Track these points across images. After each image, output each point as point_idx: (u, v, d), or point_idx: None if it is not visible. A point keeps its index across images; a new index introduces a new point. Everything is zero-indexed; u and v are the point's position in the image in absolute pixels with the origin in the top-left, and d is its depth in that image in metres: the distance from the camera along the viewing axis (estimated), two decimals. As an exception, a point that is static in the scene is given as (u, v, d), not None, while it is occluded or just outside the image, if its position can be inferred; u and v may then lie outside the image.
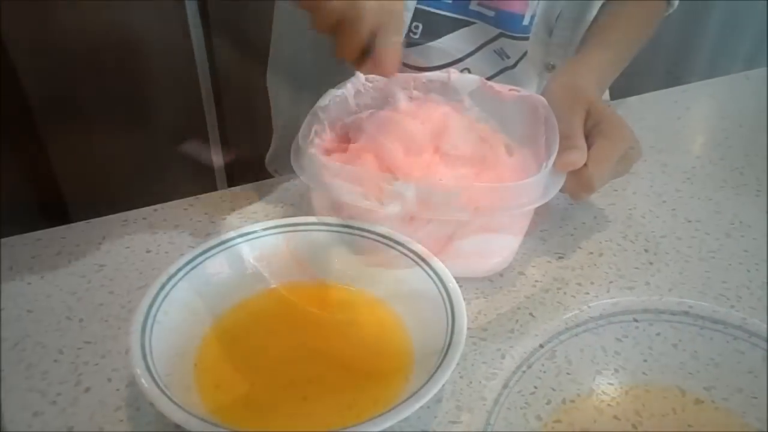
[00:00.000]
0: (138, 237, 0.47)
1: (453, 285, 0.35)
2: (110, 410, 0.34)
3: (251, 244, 0.39)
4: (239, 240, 0.38)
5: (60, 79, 1.18)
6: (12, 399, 0.34)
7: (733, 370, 0.38)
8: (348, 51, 0.39)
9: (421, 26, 0.61)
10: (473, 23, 0.61)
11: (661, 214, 0.52)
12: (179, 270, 0.35)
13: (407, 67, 0.63)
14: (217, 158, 1.43)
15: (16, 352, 0.37)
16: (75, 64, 1.18)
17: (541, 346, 0.39)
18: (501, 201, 0.39)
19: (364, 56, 0.39)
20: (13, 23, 1.09)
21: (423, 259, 0.37)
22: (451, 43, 0.62)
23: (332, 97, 0.47)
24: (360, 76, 0.49)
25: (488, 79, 0.50)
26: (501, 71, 0.65)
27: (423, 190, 0.38)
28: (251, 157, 1.44)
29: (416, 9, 0.60)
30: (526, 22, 0.60)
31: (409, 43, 0.62)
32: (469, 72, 0.51)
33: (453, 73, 0.50)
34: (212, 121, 1.36)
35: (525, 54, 0.63)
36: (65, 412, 0.34)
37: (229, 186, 0.53)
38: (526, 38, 0.61)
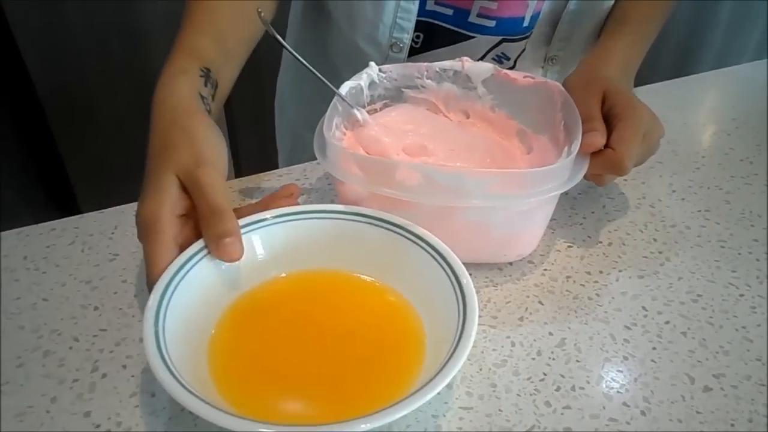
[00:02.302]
0: (150, 227, 0.47)
1: (463, 273, 0.35)
2: (125, 396, 0.35)
3: (262, 232, 0.39)
4: (250, 228, 0.39)
5: (70, 73, 1.19)
6: (30, 385, 0.35)
7: (741, 358, 0.38)
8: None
9: (422, 36, 0.61)
10: (473, 37, 0.60)
11: (670, 204, 0.52)
12: (191, 258, 0.36)
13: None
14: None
15: (33, 340, 0.38)
16: (84, 58, 1.19)
17: (551, 333, 0.39)
18: (530, 187, 0.39)
19: None
20: (23, 19, 1.09)
21: (434, 248, 0.37)
22: (453, 55, 0.62)
23: (348, 89, 0.47)
24: (374, 67, 0.49)
25: None
26: None
27: (455, 177, 0.38)
28: (259, 147, 1.45)
29: (418, 21, 0.59)
30: (526, 23, 0.59)
31: (411, 52, 0.62)
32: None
33: (467, 61, 0.50)
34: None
35: (523, 51, 0.63)
36: (82, 398, 0.34)
37: (237, 176, 0.53)
38: (527, 37, 0.61)
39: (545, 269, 0.45)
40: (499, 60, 0.63)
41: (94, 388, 0.35)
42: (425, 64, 0.50)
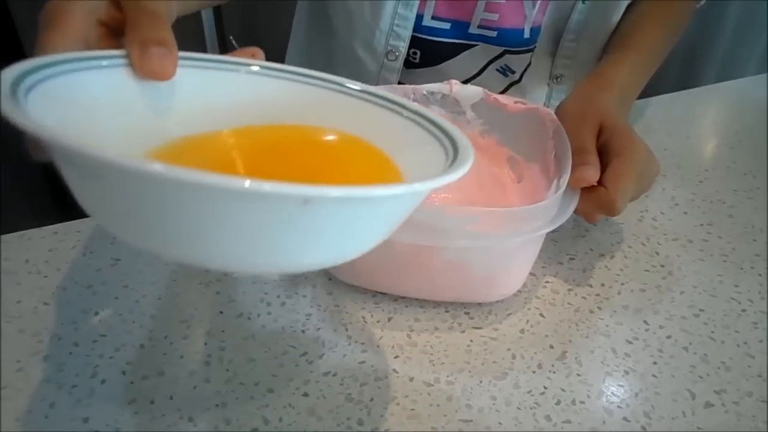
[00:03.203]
0: (152, 232, 0.47)
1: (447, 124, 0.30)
2: (124, 402, 0.34)
3: (211, 73, 0.31)
4: (197, 63, 0.30)
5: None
6: (29, 390, 0.35)
7: (743, 374, 0.38)
8: None
9: (419, 53, 0.61)
10: (475, 45, 0.60)
11: (673, 217, 0.52)
12: (102, 58, 0.26)
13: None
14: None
15: (33, 344, 0.38)
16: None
17: (552, 346, 0.39)
18: (513, 226, 0.37)
19: None
20: (28, 20, 1.10)
21: (409, 109, 0.32)
22: (453, 67, 0.62)
23: None
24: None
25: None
26: (508, 87, 0.64)
27: (433, 214, 0.35)
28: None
29: (413, 37, 0.59)
30: (526, 35, 0.59)
31: (409, 67, 0.61)
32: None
33: (455, 84, 0.48)
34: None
35: (529, 65, 0.63)
36: (81, 403, 0.34)
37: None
38: (531, 50, 0.61)
39: (547, 281, 0.45)
40: (504, 73, 0.63)
41: (93, 394, 0.35)
42: (411, 86, 0.49)
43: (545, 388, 0.36)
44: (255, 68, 0.32)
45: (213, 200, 0.19)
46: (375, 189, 0.20)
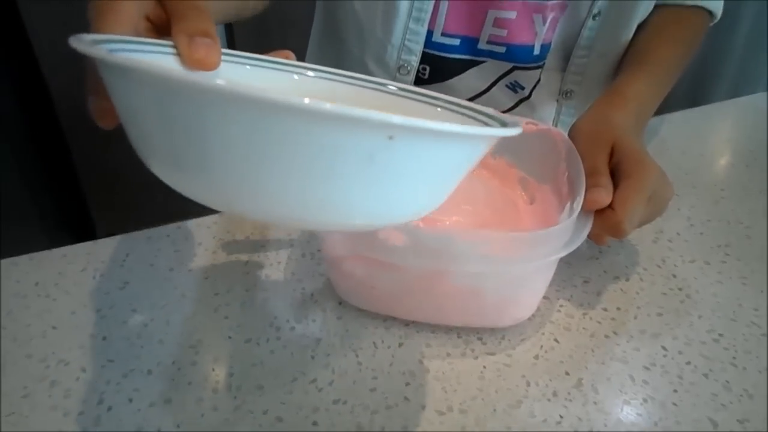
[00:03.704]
0: (161, 254, 0.47)
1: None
2: (131, 431, 0.34)
3: (251, 69, 0.33)
4: (238, 59, 0.33)
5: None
6: (35, 417, 0.35)
7: None
8: None
9: (428, 68, 0.61)
10: (484, 61, 0.60)
11: (689, 238, 0.51)
12: (157, 45, 0.29)
13: None
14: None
15: (40, 369, 0.37)
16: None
17: (567, 373, 0.38)
18: (525, 251, 0.36)
19: None
20: (43, 34, 1.11)
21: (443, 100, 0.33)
22: (463, 83, 0.62)
23: None
24: None
25: (506, 111, 0.49)
26: (517, 103, 0.64)
27: (444, 239, 0.35)
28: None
29: (423, 53, 0.59)
30: (536, 51, 0.59)
31: (419, 83, 0.62)
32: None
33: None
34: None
35: (538, 81, 0.62)
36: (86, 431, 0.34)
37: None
38: (540, 66, 0.61)
39: (561, 305, 0.44)
40: (513, 89, 0.63)
41: (99, 422, 0.34)
42: None
43: (561, 417, 0.35)
44: (310, 73, 0.34)
45: (294, 126, 0.18)
46: (461, 127, 0.20)
